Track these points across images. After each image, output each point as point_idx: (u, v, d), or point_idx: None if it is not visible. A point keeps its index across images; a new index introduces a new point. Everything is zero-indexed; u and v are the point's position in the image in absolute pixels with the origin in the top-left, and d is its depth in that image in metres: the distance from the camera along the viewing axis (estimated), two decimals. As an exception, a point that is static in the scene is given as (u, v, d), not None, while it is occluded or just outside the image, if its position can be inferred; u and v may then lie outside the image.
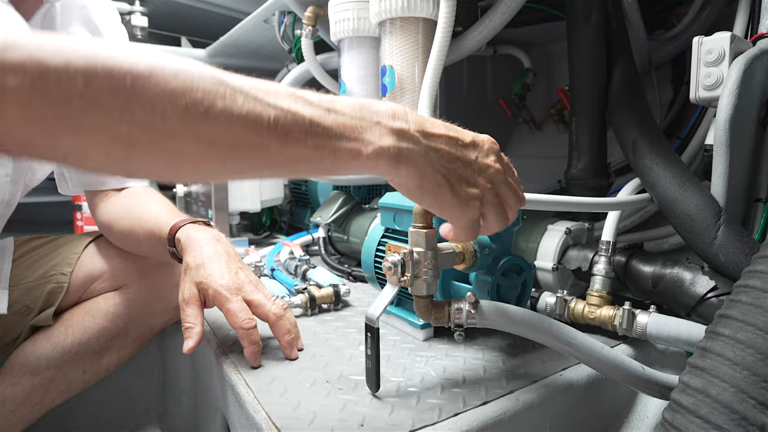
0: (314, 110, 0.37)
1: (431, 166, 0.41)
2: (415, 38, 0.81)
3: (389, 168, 0.39)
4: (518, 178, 0.49)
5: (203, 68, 0.35)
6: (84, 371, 0.77)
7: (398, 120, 0.40)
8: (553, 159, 1.26)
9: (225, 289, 0.62)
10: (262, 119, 0.35)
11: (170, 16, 1.87)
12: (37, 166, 0.79)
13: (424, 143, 0.41)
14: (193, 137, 0.33)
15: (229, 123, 0.34)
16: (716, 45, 0.65)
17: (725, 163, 0.64)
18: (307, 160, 0.37)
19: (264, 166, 0.37)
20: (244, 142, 0.35)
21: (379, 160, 0.39)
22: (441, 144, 0.42)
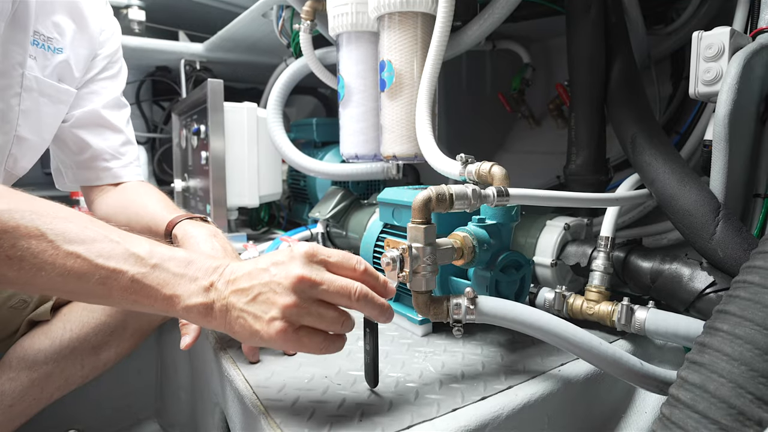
0: (140, 269, 0.45)
1: (234, 312, 0.45)
2: (413, 33, 0.81)
3: (199, 320, 0.46)
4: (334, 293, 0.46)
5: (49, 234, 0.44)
6: (82, 366, 0.77)
7: (214, 275, 0.46)
8: (552, 154, 1.26)
9: None
10: (91, 277, 0.44)
11: (168, 9, 1.86)
12: (20, 155, 0.78)
13: (226, 292, 0.45)
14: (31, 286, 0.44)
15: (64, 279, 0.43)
16: (716, 40, 0.65)
17: (724, 158, 0.64)
18: (131, 305, 0.46)
19: (99, 302, 0.48)
20: (78, 290, 0.45)
21: (190, 315, 0.45)
22: (238, 288, 0.45)
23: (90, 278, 0.44)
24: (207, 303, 0.45)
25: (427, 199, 0.52)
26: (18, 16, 0.71)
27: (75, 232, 0.45)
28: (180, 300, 0.45)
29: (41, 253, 0.43)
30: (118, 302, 0.46)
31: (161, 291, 0.45)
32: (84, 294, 0.46)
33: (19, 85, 0.73)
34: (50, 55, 0.78)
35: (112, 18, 0.92)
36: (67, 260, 0.43)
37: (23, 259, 0.43)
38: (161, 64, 1.88)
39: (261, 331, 0.44)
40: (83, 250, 0.44)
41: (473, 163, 0.64)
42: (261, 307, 0.44)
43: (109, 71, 0.91)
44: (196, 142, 1.33)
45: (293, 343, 0.45)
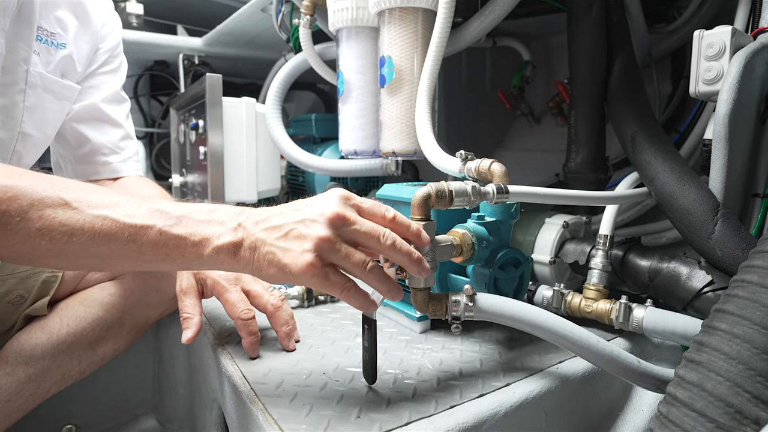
0: (166, 221, 0.46)
1: (263, 248, 0.45)
2: (414, 29, 0.80)
3: (227, 261, 0.46)
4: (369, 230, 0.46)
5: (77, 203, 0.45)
6: (79, 361, 0.77)
7: (243, 216, 0.47)
8: (552, 152, 1.26)
9: (223, 279, 0.62)
10: (121, 236, 0.45)
11: (166, 3, 1.85)
12: (23, 150, 0.78)
13: (256, 230, 0.46)
14: (63, 257, 0.45)
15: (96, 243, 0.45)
16: (717, 39, 0.65)
17: (724, 158, 0.64)
18: (162, 261, 0.46)
19: (132, 266, 0.48)
20: (111, 253, 0.45)
21: (219, 256, 0.46)
22: (269, 226, 0.46)
23: (120, 238, 0.44)
24: (236, 241, 0.46)
25: (427, 195, 0.52)
26: (23, 12, 0.71)
27: (98, 198, 0.46)
28: (209, 242, 0.45)
29: (69, 219, 0.44)
30: (151, 259, 0.46)
31: (189, 238, 0.45)
32: (117, 257, 0.46)
33: (23, 81, 0.73)
34: (54, 51, 0.77)
35: (113, 12, 0.91)
36: (95, 222, 0.44)
37: (53, 228, 0.44)
38: (159, 58, 1.88)
39: (290, 264, 0.44)
40: (109, 212, 0.45)
41: (473, 160, 0.64)
42: (293, 242, 0.45)
43: (109, 65, 0.90)
44: (195, 137, 1.32)
45: (320, 279, 0.45)
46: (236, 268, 0.47)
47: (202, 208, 0.48)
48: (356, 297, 0.48)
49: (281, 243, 0.45)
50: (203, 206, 0.49)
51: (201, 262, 0.47)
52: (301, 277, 0.44)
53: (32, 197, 0.44)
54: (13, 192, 0.43)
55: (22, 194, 0.44)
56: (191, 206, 0.48)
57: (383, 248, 0.47)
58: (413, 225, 0.50)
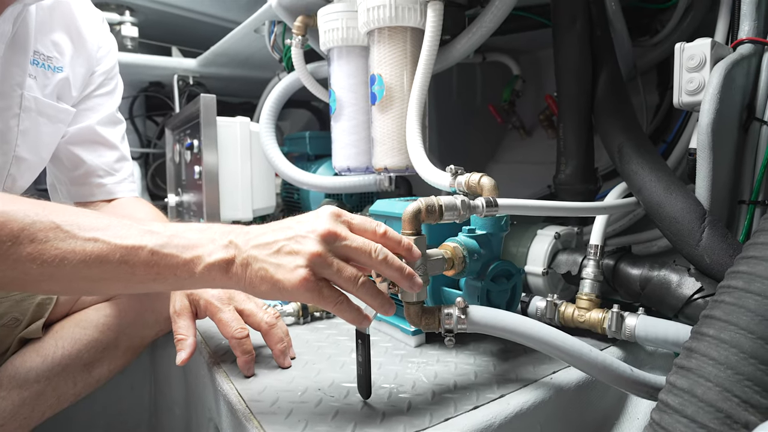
0: (157, 240, 0.46)
1: (255, 264, 0.46)
2: (403, 47, 0.82)
3: (219, 278, 0.46)
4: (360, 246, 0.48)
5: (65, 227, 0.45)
6: (74, 384, 0.76)
7: (233, 234, 0.48)
8: (543, 164, 1.27)
9: (216, 299, 0.62)
10: (112, 258, 0.45)
11: (161, 25, 1.87)
12: (19, 175, 0.78)
13: (248, 247, 0.47)
14: (55, 281, 0.45)
15: (87, 265, 0.44)
16: (697, 51, 0.67)
17: (708, 166, 0.65)
18: (154, 281, 0.46)
19: (124, 288, 0.48)
20: (102, 275, 0.45)
21: (211, 273, 0.46)
22: (260, 243, 0.47)
23: (111, 259, 0.45)
24: (228, 258, 0.46)
25: (417, 210, 0.53)
26: (18, 38, 0.72)
27: (88, 222, 0.46)
28: (200, 260, 0.46)
29: (60, 242, 0.44)
30: (143, 279, 0.46)
31: (181, 256, 0.46)
32: (109, 278, 0.46)
33: (18, 106, 0.74)
34: (50, 74, 0.78)
35: (109, 34, 0.93)
36: (86, 245, 0.45)
37: (44, 252, 0.44)
38: (154, 79, 1.90)
39: (283, 280, 0.45)
40: (100, 234, 0.45)
41: (463, 174, 0.65)
42: (285, 258, 0.45)
43: (105, 87, 0.91)
44: (190, 156, 1.33)
45: (312, 294, 0.45)
46: (229, 285, 0.47)
47: (192, 227, 0.48)
48: (349, 311, 0.49)
49: (273, 259, 0.46)
50: (194, 225, 0.49)
51: (193, 281, 0.47)
52: (294, 292, 0.45)
53: (23, 222, 0.44)
54: (5, 217, 0.44)
55: (12, 219, 0.44)
56: (182, 226, 0.49)
57: (375, 263, 0.47)
58: (404, 240, 0.51)
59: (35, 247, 0.44)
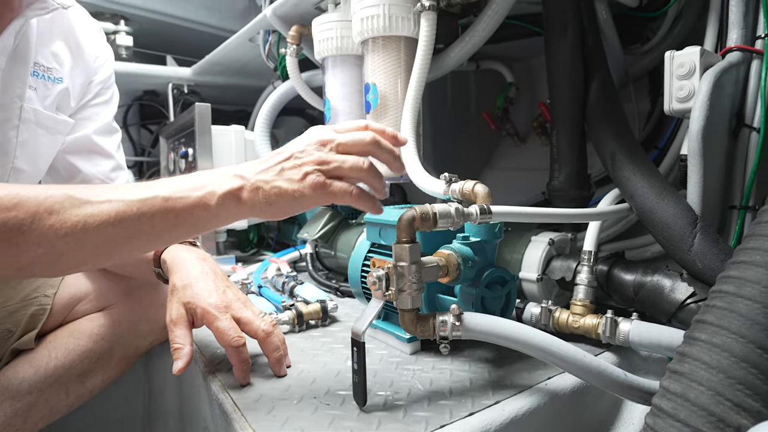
0: (167, 188, 0.49)
1: (266, 186, 0.51)
2: (397, 56, 0.83)
3: (233, 207, 0.50)
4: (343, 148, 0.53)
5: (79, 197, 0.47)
6: (67, 394, 0.76)
7: (234, 170, 0.52)
8: (537, 171, 1.28)
9: (213, 307, 0.62)
10: (129, 213, 0.47)
11: (155, 35, 1.88)
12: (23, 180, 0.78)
13: (252, 175, 0.51)
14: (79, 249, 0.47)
15: (111, 226, 0.47)
16: (687, 59, 0.68)
17: (699, 172, 0.66)
18: (174, 227, 0.49)
19: (146, 243, 0.51)
20: (125, 233, 0.48)
21: (226, 202, 0.50)
22: (263, 168, 0.52)
23: (129, 215, 0.47)
24: (238, 186, 0.50)
25: (411, 218, 0.53)
26: (19, 50, 0.72)
27: (99, 189, 0.49)
28: (213, 194, 0.49)
29: (77, 209, 0.47)
30: (162, 229, 0.49)
31: (193, 195, 0.49)
32: (131, 236, 0.48)
33: (17, 118, 0.74)
34: (51, 85, 0.78)
35: (105, 44, 0.93)
36: (102, 207, 0.47)
37: (65, 221, 0.46)
38: (149, 88, 1.90)
39: (298, 189, 0.50)
40: (113, 196, 0.48)
41: (457, 182, 0.65)
42: (291, 172, 0.51)
43: (102, 97, 0.91)
44: (184, 165, 1.33)
45: (327, 191, 0.50)
46: (243, 211, 0.51)
47: (192, 175, 0.52)
48: (365, 198, 0.53)
49: (282, 177, 0.51)
50: (193, 174, 0.53)
51: (210, 216, 0.50)
52: (311, 196, 0.50)
53: (37, 198, 0.46)
54: (18, 198, 0.45)
55: (26, 198, 0.46)
56: (182, 176, 0.52)
57: (368, 147, 0.53)
58: (388, 129, 0.56)
59: (55, 218, 0.46)
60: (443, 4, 0.84)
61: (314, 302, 0.83)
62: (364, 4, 0.82)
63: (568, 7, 0.82)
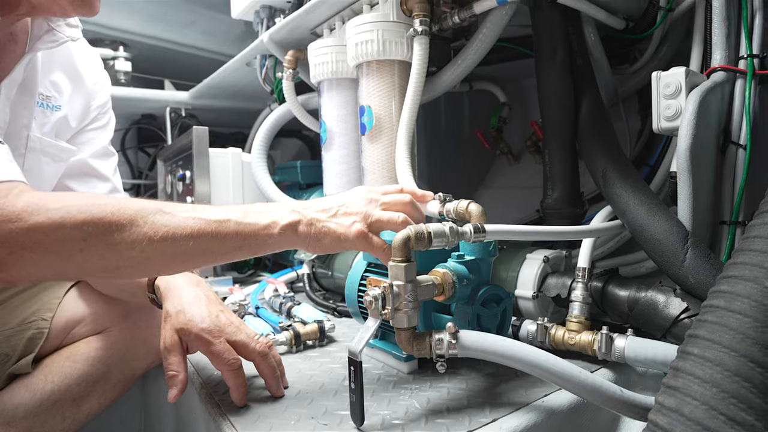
0: (237, 215, 0.56)
1: (318, 224, 0.59)
2: (391, 79, 0.85)
3: (291, 238, 0.57)
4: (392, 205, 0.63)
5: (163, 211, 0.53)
6: (63, 419, 0.75)
7: (292, 206, 0.60)
8: (532, 189, 1.30)
9: (207, 332, 0.62)
10: (208, 230, 0.53)
11: (153, 60, 1.91)
12: None
13: (309, 212, 0.59)
14: (162, 257, 0.53)
15: (192, 239, 0.53)
16: (673, 79, 0.69)
17: (689, 188, 0.67)
18: (240, 248, 0.56)
19: (215, 257, 0.56)
20: (201, 248, 0.54)
21: (285, 233, 0.57)
22: (319, 209, 0.60)
23: (207, 232, 0.53)
24: (296, 220, 0.57)
25: (407, 238, 0.54)
26: (26, 82, 0.74)
27: (182, 205, 0.56)
28: (276, 224, 0.56)
29: (168, 221, 0.52)
30: (230, 249, 0.55)
31: (260, 223, 0.56)
32: (205, 251, 0.54)
33: (24, 147, 0.75)
34: (49, 113, 0.80)
35: (103, 70, 0.95)
36: (188, 222, 0.53)
37: (158, 230, 0.51)
38: (147, 111, 1.92)
39: (345, 233, 0.58)
40: (195, 214, 0.54)
41: (451, 201, 0.66)
42: (342, 218, 0.59)
43: (99, 122, 0.93)
44: (182, 187, 1.34)
45: (367, 241, 0.59)
46: (297, 242, 0.58)
47: (258, 205, 0.60)
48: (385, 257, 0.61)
49: (333, 219, 0.59)
50: (257, 204, 0.60)
51: (271, 243, 0.57)
52: (354, 241, 0.58)
53: (134, 208, 0.52)
54: (120, 205, 0.51)
55: (126, 206, 0.51)
56: (249, 205, 0.60)
57: (407, 207, 0.63)
58: (418, 191, 0.70)
59: (149, 227, 0.51)
60: (435, 29, 0.86)
61: (311, 322, 0.83)
62: (359, 30, 0.84)
63: (557, 30, 0.85)
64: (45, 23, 0.74)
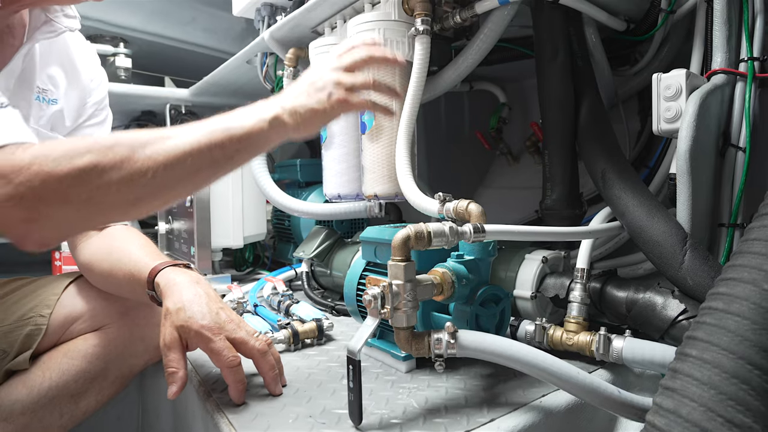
0: (221, 124, 0.57)
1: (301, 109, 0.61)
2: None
3: (281, 128, 0.59)
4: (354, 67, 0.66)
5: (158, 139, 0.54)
6: (61, 415, 0.75)
7: (268, 102, 0.61)
8: (531, 189, 1.30)
9: (207, 329, 0.62)
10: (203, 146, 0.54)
11: (154, 56, 1.90)
12: None
13: (286, 103, 0.61)
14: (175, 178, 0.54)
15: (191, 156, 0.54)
16: (673, 81, 0.70)
17: (688, 191, 0.67)
18: (238, 152, 0.57)
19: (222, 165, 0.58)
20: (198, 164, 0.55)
21: (274, 125, 0.59)
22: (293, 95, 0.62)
23: (203, 144, 0.54)
24: (279, 113, 0.59)
25: (406, 237, 0.54)
26: (25, 73, 0.74)
27: (172, 131, 0.56)
28: (263, 119, 0.58)
29: (169, 144, 0.53)
30: (230, 154, 0.57)
31: (247, 123, 0.57)
32: (209, 164, 0.56)
33: None
34: (45, 107, 0.80)
35: (100, 67, 0.95)
36: (183, 139, 0.54)
37: (159, 152, 0.52)
38: (147, 108, 1.92)
39: (327, 107, 0.61)
40: (183, 133, 0.55)
41: (451, 201, 0.66)
42: (317, 95, 0.61)
43: (96, 118, 0.93)
44: (181, 184, 1.34)
45: (348, 105, 0.62)
46: (288, 130, 0.60)
47: (236, 110, 0.60)
48: (379, 106, 0.69)
49: (311, 99, 0.61)
50: (235, 110, 0.60)
51: (265, 137, 0.58)
52: (337, 110, 0.62)
53: (129, 136, 0.53)
54: (114, 138, 0.52)
55: (120, 137, 0.53)
56: (226, 114, 0.60)
57: (367, 60, 0.66)
58: (366, 40, 0.70)
59: (151, 150, 0.52)
60: (437, 29, 0.86)
61: (310, 321, 0.83)
62: (360, 28, 0.84)
63: (558, 32, 0.85)
64: (43, 14, 0.74)
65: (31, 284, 0.83)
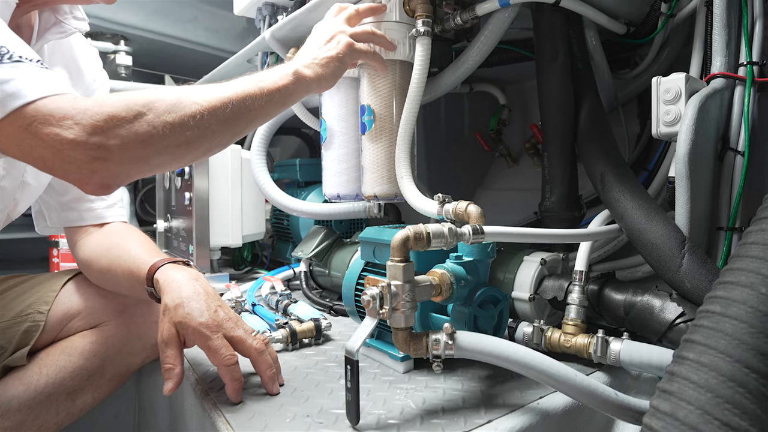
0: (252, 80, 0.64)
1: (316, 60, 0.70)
2: (392, 79, 0.85)
3: (304, 80, 0.67)
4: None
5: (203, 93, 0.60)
6: (57, 412, 0.75)
7: (291, 62, 0.70)
8: (530, 191, 1.30)
9: (205, 327, 0.62)
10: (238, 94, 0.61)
11: (154, 54, 1.90)
12: (20, 198, 0.79)
13: (306, 57, 0.71)
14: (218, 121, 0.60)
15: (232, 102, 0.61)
16: (673, 84, 0.70)
17: (687, 194, 0.67)
18: (269, 102, 0.64)
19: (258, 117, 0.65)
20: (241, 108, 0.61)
21: (298, 79, 0.67)
22: (307, 53, 0.72)
23: (238, 94, 0.61)
24: (298, 69, 0.67)
25: (405, 238, 0.54)
26: None
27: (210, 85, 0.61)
28: (287, 74, 0.66)
29: (210, 92, 0.59)
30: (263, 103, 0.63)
31: (273, 77, 0.65)
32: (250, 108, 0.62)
33: None
34: None
35: (102, 68, 0.95)
36: (221, 91, 0.60)
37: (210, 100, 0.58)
38: (147, 107, 1.91)
39: (339, 52, 0.71)
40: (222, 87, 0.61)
41: (450, 202, 0.66)
42: (327, 46, 0.72)
43: None
44: (180, 183, 1.34)
45: (355, 50, 0.74)
46: (311, 83, 0.68)
47: (258, 72, 0.67)
48: (378, 57, 0.80)
49: (324, 50, 0.71)
50: (257, 73, 0.67)
51: (290, 92, 0.66)
52: (348, 55, 0.72)
53: (170, 90, 0.57)
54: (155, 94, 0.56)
55: (162, 91, 0.57)
56: (252, 74, 0.67)
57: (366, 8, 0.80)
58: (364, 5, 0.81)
59: (202, 99, 0.57)
60: (438, 30, 0.86)
61: (308, 320, 0.83)
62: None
63: (558, 34, 0.85)
64: (53, 16, 0.74)
65: (30, 281, 0.83)
